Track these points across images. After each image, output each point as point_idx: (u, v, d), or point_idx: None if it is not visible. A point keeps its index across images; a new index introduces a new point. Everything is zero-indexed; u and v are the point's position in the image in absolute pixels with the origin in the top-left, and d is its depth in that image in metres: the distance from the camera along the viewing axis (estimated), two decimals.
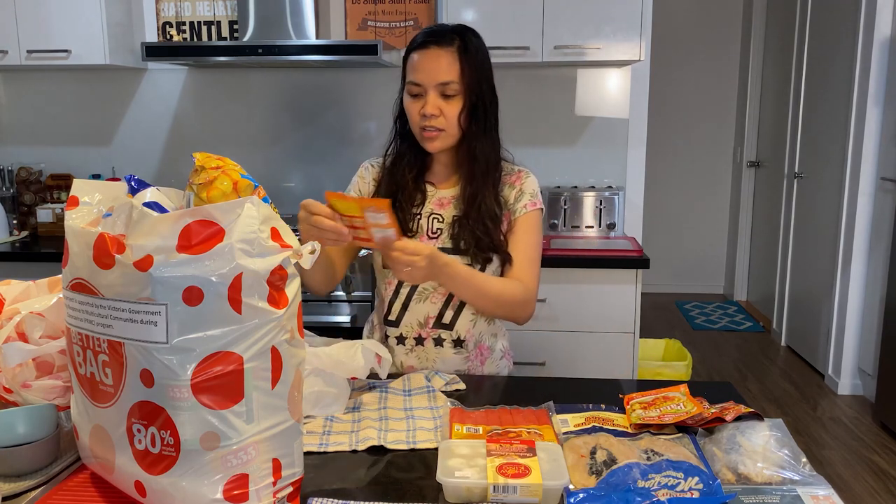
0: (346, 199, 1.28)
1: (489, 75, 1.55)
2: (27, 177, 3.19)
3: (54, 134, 3.34)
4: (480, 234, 1.55)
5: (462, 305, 1.61)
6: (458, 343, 1.63)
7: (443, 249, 1.58)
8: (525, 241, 1.59)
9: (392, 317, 1.63)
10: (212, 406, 0.88)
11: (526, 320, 1.60)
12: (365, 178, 1.67)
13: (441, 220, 1.61)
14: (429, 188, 1.64)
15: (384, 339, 1.66)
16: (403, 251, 1.32)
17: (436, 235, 1.60)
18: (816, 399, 3.73)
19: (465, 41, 1.51)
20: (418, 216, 1.62)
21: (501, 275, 1.60)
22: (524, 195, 1.60)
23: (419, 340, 1.63)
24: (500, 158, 1.60)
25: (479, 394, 1.44)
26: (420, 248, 1.33)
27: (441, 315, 1.61)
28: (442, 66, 1.49)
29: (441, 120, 1.51)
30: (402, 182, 1.60)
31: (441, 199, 1.62)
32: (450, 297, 1.60)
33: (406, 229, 1.60)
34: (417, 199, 1.62)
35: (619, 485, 1.01)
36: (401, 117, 1.61)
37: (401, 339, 1.64)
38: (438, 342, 1.62)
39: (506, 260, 1.58)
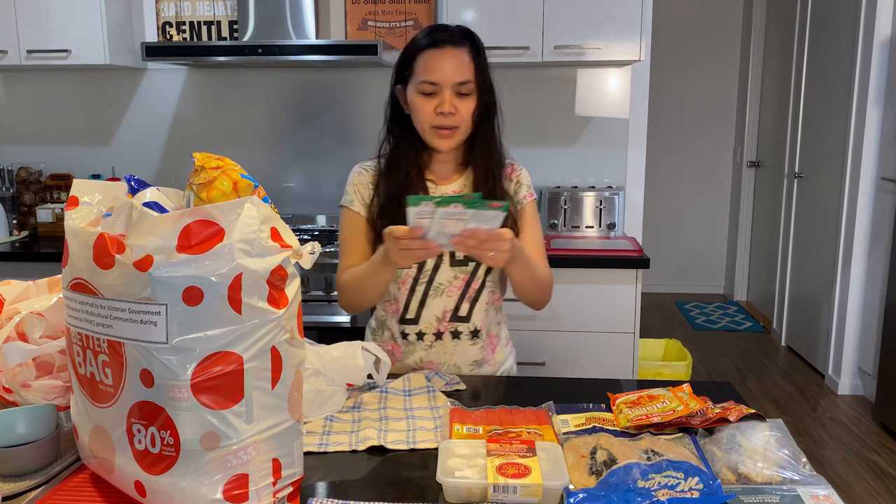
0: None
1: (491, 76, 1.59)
2: (27, 177, 3.19)
3: (54, 134, 3.34)
4: None
5: (477, 297, 1.63)
6: (475, 334, 1.65)
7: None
8: (533, 231, 1.65)
9: (410, 314, 1.63)
10: (212, 406, 0.88)
11: (545, 305, 1.67)
12: (363, 182, 1.64)
13: None
14: (430, 186, 1.64)
15: (402, 337, 1.65)
16: (492, 238, 1.32)
17: None
18: (816, 399, 3.73)
19: (474, 42, 1.55)
20: None
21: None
22: (522, 186, 1.66)
23: (438, 335, 1.64)
24: (503, 154, 1.64)
25: (479, 394, 1.44)
26: (504, 233, 1.34)
27: (457, 308, 1.62)
28: (460, 65, 1.51)
29: (457, 118, 1.53)
30: (405, 181, 1.59)
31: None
32: (465, 290, 1.62)
33: None
34: None
35: (619, 485, 1.01)
36: (394, 117, 1.63)
37: (420, 336, 1.65)
38: (456, 335, 1.64)
39: None
